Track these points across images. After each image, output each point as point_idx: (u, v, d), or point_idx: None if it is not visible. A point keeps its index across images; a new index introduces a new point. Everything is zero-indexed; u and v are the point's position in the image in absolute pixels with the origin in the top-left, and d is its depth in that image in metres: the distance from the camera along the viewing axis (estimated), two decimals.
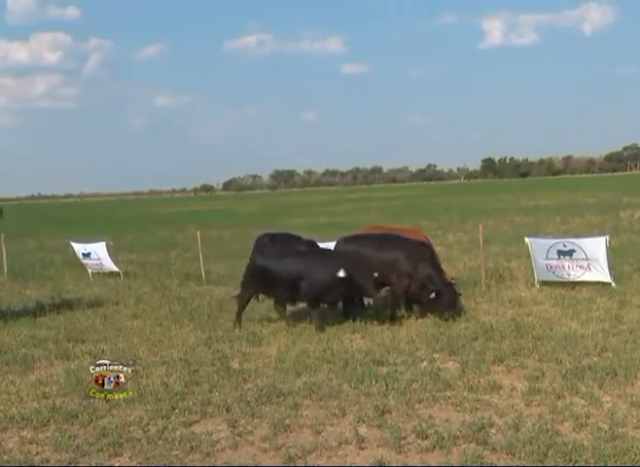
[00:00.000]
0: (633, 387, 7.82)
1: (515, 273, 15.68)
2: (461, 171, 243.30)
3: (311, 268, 11.61)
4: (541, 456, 6.06)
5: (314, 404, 7.81)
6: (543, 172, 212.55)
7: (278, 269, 11.73)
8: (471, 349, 9.61)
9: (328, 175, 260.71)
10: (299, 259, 12.00)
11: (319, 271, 11.51)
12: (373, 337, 10.78)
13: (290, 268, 11.68)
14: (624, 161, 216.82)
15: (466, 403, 7.55)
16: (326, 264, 11.60)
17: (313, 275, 11.52)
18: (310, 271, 11.55)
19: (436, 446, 6.45)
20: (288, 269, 11.66)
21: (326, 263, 11.64)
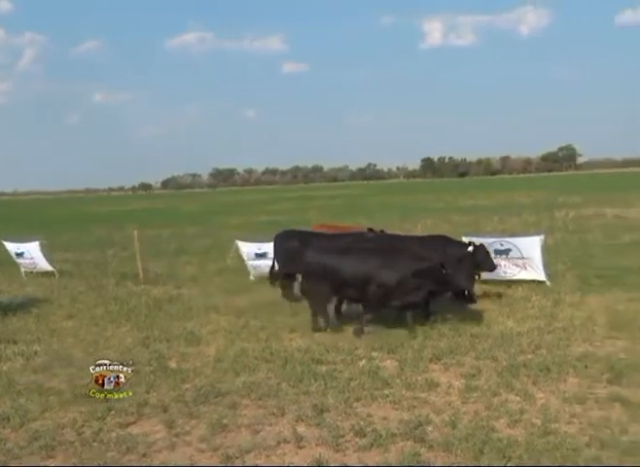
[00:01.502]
0: (566, 384, 7.97)
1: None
2: (401, 170, 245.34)
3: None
4: (476, 453, 6.14)
5: (253, 403, 7.77)
6: (481, 172, 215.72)
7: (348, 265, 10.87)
8: (409, 348, 9.68)
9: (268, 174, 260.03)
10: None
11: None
12: (312, 335, 10.77)
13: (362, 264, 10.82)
14: (560, 161, 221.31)
15: (404, 401, 7.61)
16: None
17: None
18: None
19: (374, 444, 6.49)
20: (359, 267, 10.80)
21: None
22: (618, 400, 7.28)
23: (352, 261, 10.79)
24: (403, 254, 10.85)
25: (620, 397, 7.34)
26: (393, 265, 10.58)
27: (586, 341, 9.69)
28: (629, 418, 6.78)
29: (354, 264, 10.73)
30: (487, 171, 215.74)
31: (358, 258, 10.82)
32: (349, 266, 10.74)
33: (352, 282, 10.70)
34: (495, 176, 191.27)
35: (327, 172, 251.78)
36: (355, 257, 10.86)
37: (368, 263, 10.67)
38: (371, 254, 10.90)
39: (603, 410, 7.10)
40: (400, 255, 10.80)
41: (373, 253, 10.94)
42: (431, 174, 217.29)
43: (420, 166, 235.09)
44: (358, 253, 10.99)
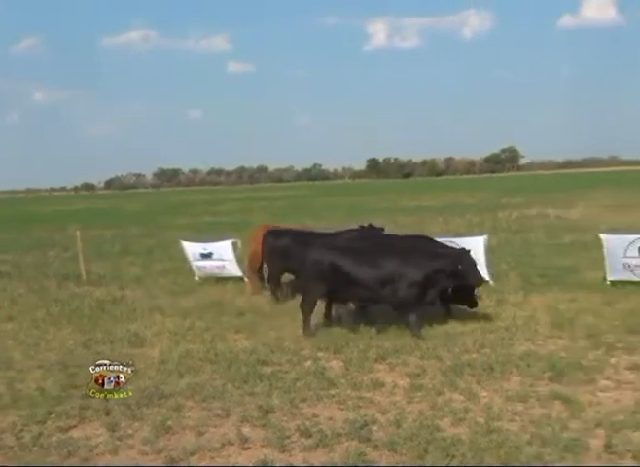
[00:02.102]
0: (509, 382, 8.08)
1: None
2: (346, 171, 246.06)
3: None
4: (421, 452, 6.17)
5: (197, 405, 7.70)
6: (426, 173, 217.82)
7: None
8: (355, 348, 9.70)
9: (213, 174, 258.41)
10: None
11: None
12: (258, 336, 10.73)
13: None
14: (502, 162, 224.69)
15: (349, 401, 7.62)
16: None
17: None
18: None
19: (319, 444, 6.48)
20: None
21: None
22: (559, 398, 7.39)
23: (370, 260, 10.59)
24: (421, 250, 10.83)
25: (560, 395, 7.46)
26: (415, 262, 10.48)
27: (528, 341, 9.83)
28: (570, 416, 6.90)
29: (373, 263, 10.53)
30: (432, 172, 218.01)
31: (377, 257, 10.62)
32: (367, 265, 10.53)
33: (369, 282, 10.46)
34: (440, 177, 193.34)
35: (272, 173, 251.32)
36: (373, 256, 10.66)
37: (389, 261, 10.49)
38: (390, 252, 10.76)
39: (544, 407, 7.20)
40: (418, 251, 10.76)
41: (391, 251, 10.82)
42: (376, 175, 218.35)
43: (366, 167, 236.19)
44: (375, 251, 10.83)
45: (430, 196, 62.79)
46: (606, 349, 9.18)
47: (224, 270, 16.20)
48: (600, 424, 6.64)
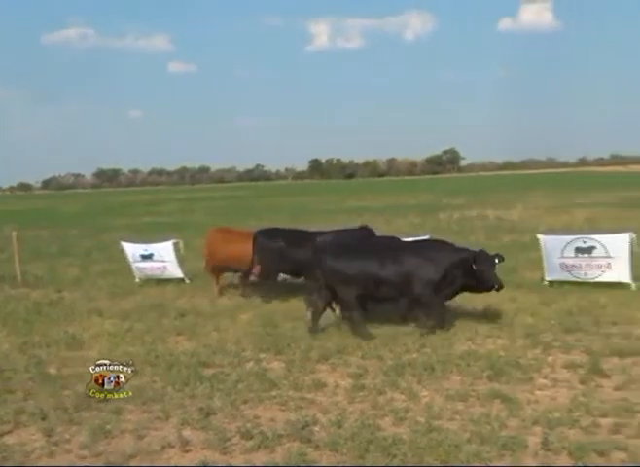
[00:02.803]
0: (449, 381, 8.16)
1: None
2: (289, 172, 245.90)
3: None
4: (362, 451, 6.19)
5: (137, 408, 7.60)
6: (368, 174, 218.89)
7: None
8: (297, 348, 9.69)
9: (154, 175, 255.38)
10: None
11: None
12: (199, 338, 10.65)
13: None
14: (444, 164, 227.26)
15: (291, 402, 7.61)
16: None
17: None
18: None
19: (260, 445, 6.45)
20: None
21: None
22: (498, 396, 7.49)
23: (390, 259, 10.54)
24: (440, 248, 10.83)
25: (499, 393, 7.56)
26: (434, 260, 10.49)
27: (468, 340, 9.94)
28: (508, 414, 7.00)
29: (393, 262, 10.50)
30: (374, 173, 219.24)
31: (396, 255, 10.60)
32: (387, 264, 10.49)
33: (390, 281, 10.45)
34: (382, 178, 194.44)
35: (214, 173, 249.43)
36: (392, 255, 10.62)
37: (408, 260, 10.49)
38: (408, 251, 10.74)
39: (484, 406, 7.29)
40: (437, 249, 10.77)
41: (409, 250, 10.80)
42: (319, 176, 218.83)
43: (308, 168, 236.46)
44: (392, 251, 10.80)
45: (372, 196, 63.11)
46: (543, 348, 9.34)
47: (165, 272, 16.05)
48: (537, 422, 6.75)
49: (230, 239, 14.39)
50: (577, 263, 13.24)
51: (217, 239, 14.51)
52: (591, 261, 13.18)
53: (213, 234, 14.80)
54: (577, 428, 6.60)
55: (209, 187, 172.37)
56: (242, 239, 14.19)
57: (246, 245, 13.85)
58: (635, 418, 6.74)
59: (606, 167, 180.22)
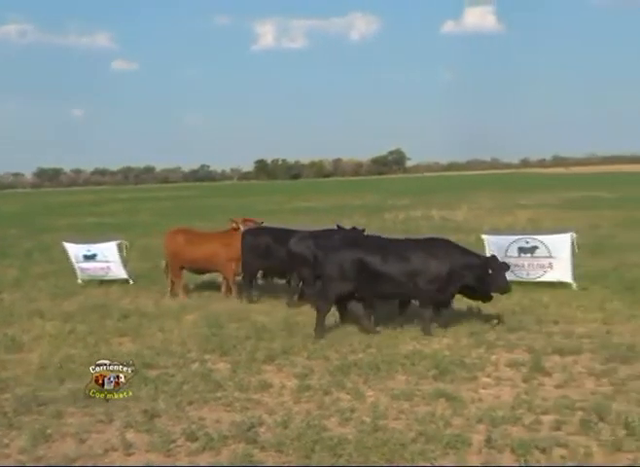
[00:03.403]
0: (394, 381, 8.20)
1: None
2: (234, 172, 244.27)
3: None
4: (308, 452, 6.18)
5: (79, 411, 7.46)
6: (314, 174, 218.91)
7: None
8: (242, 349, 9.64)
9: (97, 174, 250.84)
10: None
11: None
12: (143, 339, 10.52)
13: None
14: (389, 164, 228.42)
15: (236, 403, 7.56)
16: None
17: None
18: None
19: (205, 447, 6.40)
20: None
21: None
22: (442, 395, 7.55)
23: (395, 256, 10.48)
24: (445, 246, 10.81)
25: (444, 392, 7.62)
26: (440, 257, 10.46)
27: (413, 340, 10.01)
28: (453, 413, 7.06)
29: (399, 259, 10.44)
30: (320, 174, 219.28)
31: (402, 253, 10.53)
32: (393, 262, 10.42)
33: (396, 279, 10.37)
34: (328, 178, 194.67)
35: (159, 173, 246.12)
36: (397, 252, 10.56)
37: (415, 257, 10.43)
38: (413, 248, 10.66)
39: (429, 405, 7.35)
40: (442, 246, 10.76)
41: (415, 247, 10.71)
42: (265, 176, 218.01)
43: (254, 168, 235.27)
44: (397, 248, 10.76)
45: (318, 197, 63.19)
46: (487, 347, 9.45)
47: (109, 272, 15.84)
48: (481, 420, 6.82)
49: (193, 240, 14.25)
50: (520, 262, 13.44)
51: (180, 240, 14.30)
52: (534, 261, 13.41)
53: (175, 235, 14.59)
54: (519, 426, 6.70)
55: (154, 187, 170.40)
56: (205, 240, 14.16)
57: (210, 246, 13.83)
58: (575, 415, 6.86)
59: (548, 169, 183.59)
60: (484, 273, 10.45)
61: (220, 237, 14.24)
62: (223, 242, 13.92)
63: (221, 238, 14.16)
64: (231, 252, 13.61)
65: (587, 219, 27.26)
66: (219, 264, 13.80)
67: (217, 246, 13.84)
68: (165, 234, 15.09)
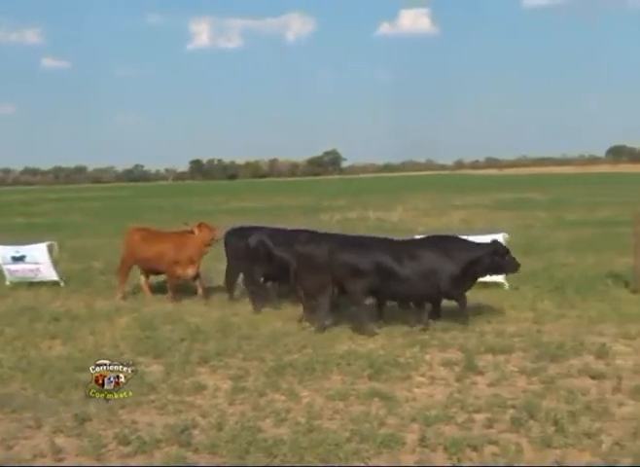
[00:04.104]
0: (330, 381, 8.21)
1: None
2: (169, 172, 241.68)
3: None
4: (242, 453, 6.14)
5: (6, 417, 7.27)
6: (250, 175, 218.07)
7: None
8: (176, 351, 9.53)
9: (27, 174, 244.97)
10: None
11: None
12: (74, 342, 10.31)
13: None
14: (325, 165, 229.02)
15: (170, 405, 7.47)
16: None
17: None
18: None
19: (138, 450, 6.31)
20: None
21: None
22: (377, 395, 7.59)
23: (408, 255, 10.52)
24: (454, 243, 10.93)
25: (379, 392, 7.66)
26: (452, 255, 10.58)
27: (349, 340, 10.05)
28: (387, 412, 7.10)
29: (412, 258, 10.50)
30: (256, 174, 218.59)
31: (414, 252, 10.61)
32: (407, 261, 10.47)
33: (408, 279, 10.41)
34: (264, 179, 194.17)
35: (91, 173, 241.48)
36: (408, 251, 10.63)
37: (428, 256, 10.54)
38: (425, 247, 10.80)
39: (364, 405, 7.37)
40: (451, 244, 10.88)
41: (426, 246, 10.85)
42: (200, 176, 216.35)
43: (189, 168, 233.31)
44: (405, 247, 10.84)
45: (254, 197, 63.00)
46: (421, 347, 9.54)
47: (38, 274, 15.47)
48: (415, 419, 6.87)
49: (147, 239, 13.96)
50: None
51: (136, 238, 14.01)
52: None
53: (133, 233, 14.30)
54: (452, 424, 6.77)
55: (86, 187, 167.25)
56: (158, 240, 13.88)
57: (166, 246, 13.53)
58: (507, 413, 6.97)
59: (481, 170, 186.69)
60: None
61: (172, 238, 13.89)
62: (174, 243, 13.60)
63: (173, 239, 13.81)
64: (180, 254, 13.36)
65: (519, 220, 27.82)
66: (165, 264, 13.54)
67: (167, 247, 13.55)
68: (125, 233, 14.75)
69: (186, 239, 13.52)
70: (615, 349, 9.19)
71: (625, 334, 9.92)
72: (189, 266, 13.34)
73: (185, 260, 13.32)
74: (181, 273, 13.42)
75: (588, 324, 10.54)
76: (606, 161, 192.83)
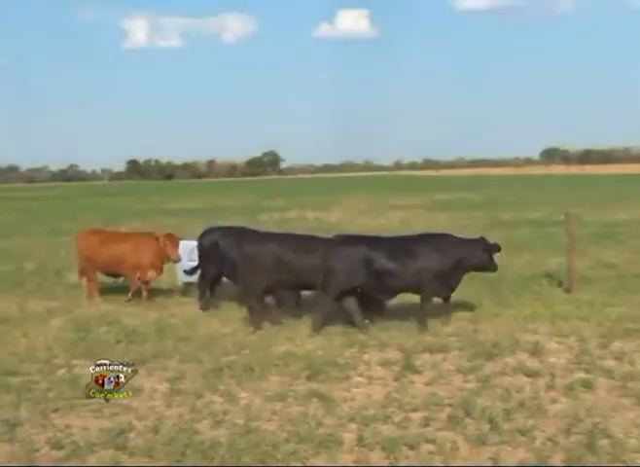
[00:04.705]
0: (268, 382, 8.18)
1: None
2: (105, 172, 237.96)
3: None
4: (179, 456, 6.09)
5: None
6: (188, 175, 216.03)
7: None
8: (112, 353, 9.35)
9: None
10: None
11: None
12: (5, 346, 10.05)
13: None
14: (264, 166, 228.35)
15: (105, 409, 7.33)
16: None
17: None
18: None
19: (71, 455, 6.21)
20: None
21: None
22: (315, 395, 7.60)
23: (404, 253, 10.66)
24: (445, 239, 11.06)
25: (317, 392, 7.67)
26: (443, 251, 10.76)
27: (288, 341, 10.02)
28: (325, 412, 7.11)
29: (408, 255, 10.63)
30: (194, 175, 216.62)
31: (411, 249, 10.73)
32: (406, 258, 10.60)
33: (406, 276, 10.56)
34: (202, 179, 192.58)
35: (24, 173, 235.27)
36: (405, 249, 10.73)
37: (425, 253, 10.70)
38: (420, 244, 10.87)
39: (302, 405, 7.37)
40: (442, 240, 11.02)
41: (420, 242, 10.92)
42: (137, 177, 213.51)
43: (126, 168, 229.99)
44: (404, 244, 10.90)
45: (192, 198, 62.45)
46: (360, 347, 9.57)
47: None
48: (353, 419, 6.90)
49: (106, 241, 13.52)
50: None
51: (93, 241, 13.58)
52: None
53: (88, 236, 13.85)
54: (390, 423, 6.82)
55: (18, 187, 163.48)
56: (119, 241, 13.48)
57: (123, 247, 13.14)
58: (443, 412, 7.05)
59: (419, 171, 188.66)
60: None
61: (132, 239, 13.48)
62: (134, 245, 13.18)
63: (133, 240, 13.40)
64: (140, 257, 12.99)
65: (456, 220, 28.18)
66: (125, 267, 13.18)
67: (126, 248, 13.12)
68: (78, 236, 14.25)
69: (147, 241, 13.14)
70: (548, 347, 9.39)
71: (559, 332, 10.13)
72: (149, 269, 13.07)
73: (145, 263, 12.97)
74: (142, 277, 13.07)
75: (523, 323, 10.72)
76: (540, 163, 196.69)
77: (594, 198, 40.34)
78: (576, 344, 9.49)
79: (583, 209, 28.64)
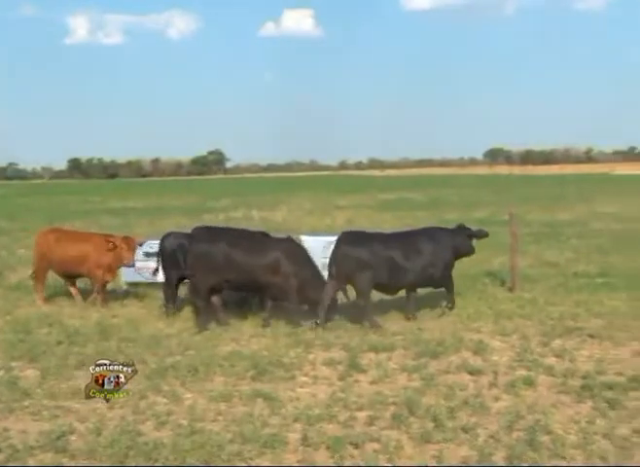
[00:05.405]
0: (213, 383, 8.14)
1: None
2: (46, 171, 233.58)
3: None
4: (121, 458, 6.02)
5: None
6: (131, 174, 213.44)
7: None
8: (52, 355, 9.20)
9: None
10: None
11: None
12: None
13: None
14: (209, 165, 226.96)
15: (45, 411, 7.22)
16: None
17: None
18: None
19: (10, 459, 6.08)
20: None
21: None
22: (260, 395, 7.58)
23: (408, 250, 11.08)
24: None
25: (262, 392, 7.65)
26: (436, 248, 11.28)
27: (233, 341, 9.98)
28: (270, 412, 7.10)
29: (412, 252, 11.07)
30: (138, 173, 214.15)
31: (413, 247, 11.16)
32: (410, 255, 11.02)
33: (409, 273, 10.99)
34: (146, 178, 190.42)
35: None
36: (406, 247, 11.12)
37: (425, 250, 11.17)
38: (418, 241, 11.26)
39: (247, 406, 7.34)
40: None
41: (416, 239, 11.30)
42: (79, 175, 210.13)
43: (67, 167, 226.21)
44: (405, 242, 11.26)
45: (136, 197, 61.69)
46: (305, 346, 9.57)
47: None
48: (298, 419, 6.90)
49: (63, 240, 13.08)
50: None
51: (50, 240, 13.21)
52: None
53: (46, 235, 13.40)
54: (335, 423, 6.83)
55: None
56: (78, 240, 13.10)
57: (83, 246, 12.76)
58: (388, 410, 7.09)
59: (364, 171, 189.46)
60: None
61: (94, 239, 13.08)
62: (96, 245, 12.76)
63: (95, 240, 12.98)
64: (102, 258, 12.60)
65: (401, 219, 28.37)
66: (87, 268, 12.77)
67: (88, 248, 12.74)
68: (36, 235, 13.85)
69: (107, 244, 12.65)
70: (491, 346, 9.52)
71: (501, 330, 10.28)
72: (108, 271, 12.76)
73: (107, 264, 12.63)
74: (103, 278, 12.69)
75: (467, 321, 10.85)
76: (484, 163, 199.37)
77: (536, 198, 41.01)
78: (518, 343, 9.64)
79: (525, 209, 29.13)
